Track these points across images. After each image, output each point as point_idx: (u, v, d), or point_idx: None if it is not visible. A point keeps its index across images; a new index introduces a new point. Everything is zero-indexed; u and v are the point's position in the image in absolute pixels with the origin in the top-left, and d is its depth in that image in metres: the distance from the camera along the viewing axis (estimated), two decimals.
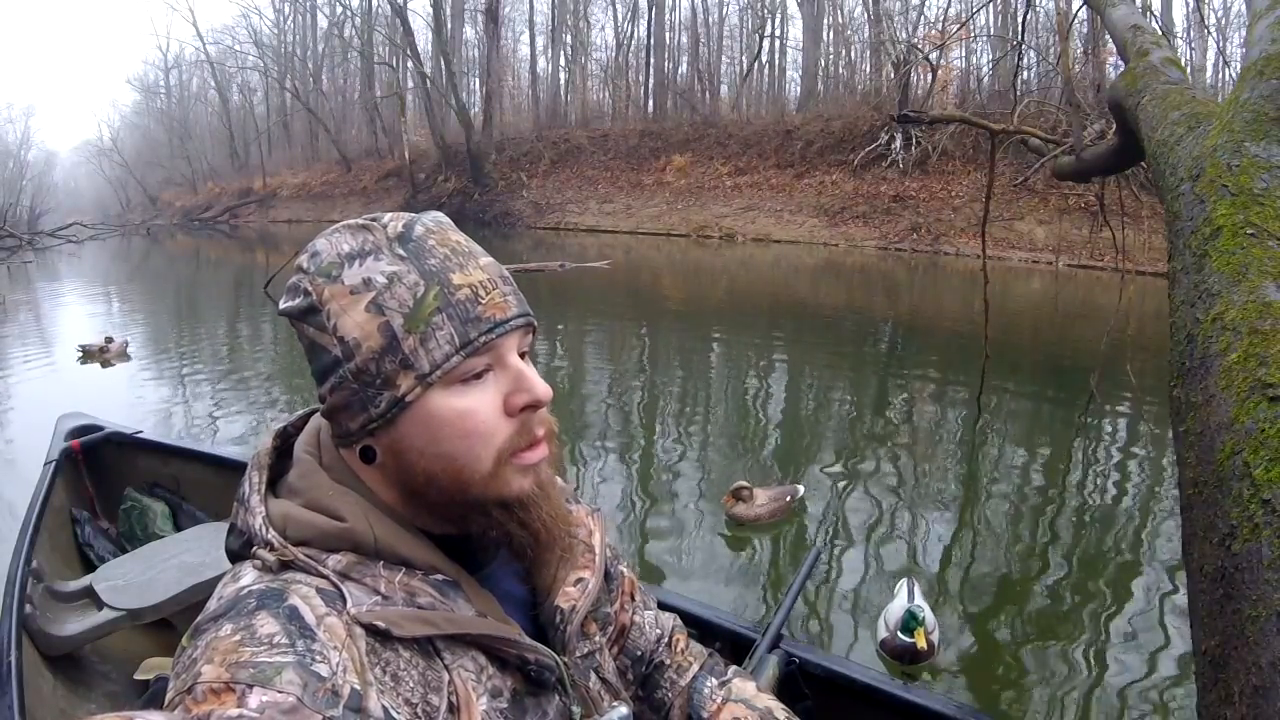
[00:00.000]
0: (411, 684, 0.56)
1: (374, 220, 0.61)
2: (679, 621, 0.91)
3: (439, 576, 0.61)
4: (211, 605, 0.55)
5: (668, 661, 0.86)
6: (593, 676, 0.73)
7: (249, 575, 0.57)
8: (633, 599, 0.85)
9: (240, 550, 0.60)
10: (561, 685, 0.66)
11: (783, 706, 0.84)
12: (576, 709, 0.67)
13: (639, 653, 0.84)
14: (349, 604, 0.55)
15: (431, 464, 0.59)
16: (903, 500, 4.00)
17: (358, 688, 0.51)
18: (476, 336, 0.58)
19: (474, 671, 0.59)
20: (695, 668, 0.86)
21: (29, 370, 6.91)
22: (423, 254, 0.59)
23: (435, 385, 0.57)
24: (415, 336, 0.57)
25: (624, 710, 0.70)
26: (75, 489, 2.48)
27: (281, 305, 0.61)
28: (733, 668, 0.90)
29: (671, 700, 0.84)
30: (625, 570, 0.85)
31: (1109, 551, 3.50)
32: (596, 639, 0.76)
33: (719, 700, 0.82)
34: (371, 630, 0.55)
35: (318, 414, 0.67)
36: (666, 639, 0.87)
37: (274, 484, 0.64)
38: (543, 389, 0.61)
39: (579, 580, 0.72)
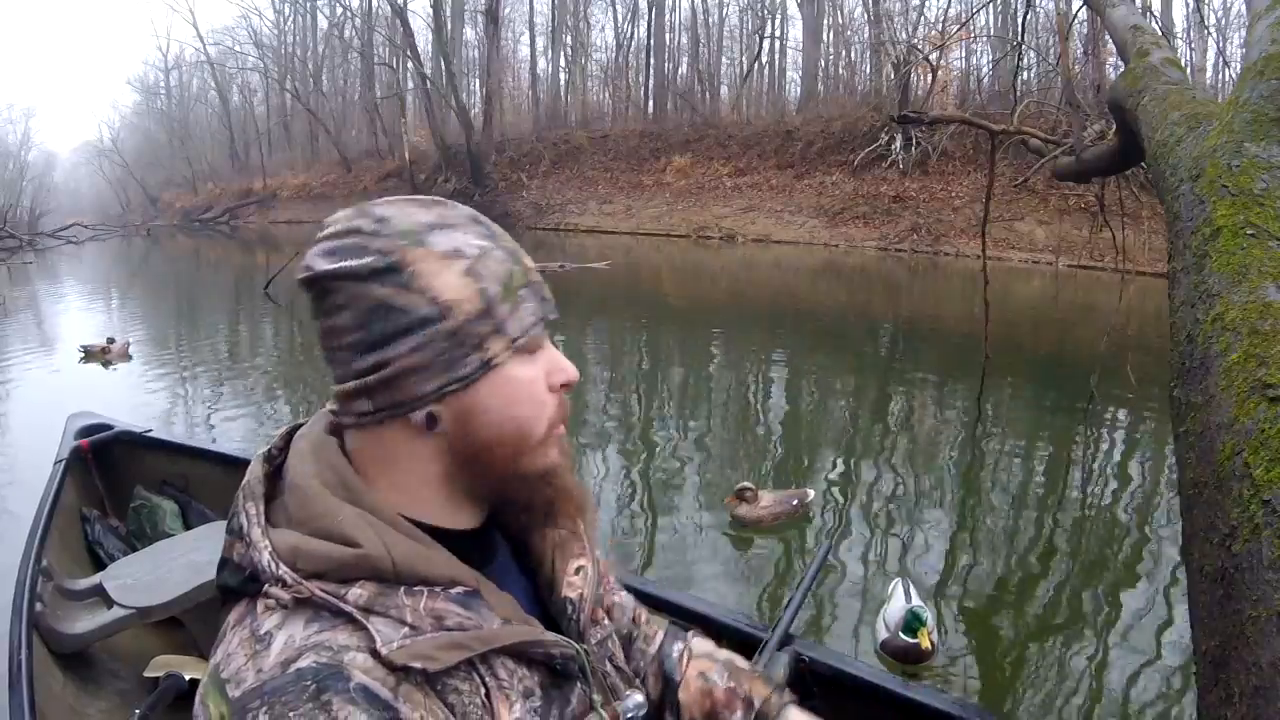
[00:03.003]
0: (464, 710, 0.57)
1: (437, 200, 0.63)
2: (634, 598, 0.95)
3: (460, 589, 0.60)
4: (248, 676, 0.52)
5: (636, 634, 0.89)
6: (608, 665, 0.74)
7: (280, 635, 0.53)
8: (608, 580, 0.87)
9: (240, 587, 0.57)
10: (583, 674, 0.67)
11: (740, 657, 0.89)
12: (597, 697, 0.67)
13: (623, 631, 0.87)
14: (378, 643, 0.53)
15: (501, 428, 0.61)
16: (903, 500, 4.01)
17: None
18: (547, 314, 0.63)
19: (505, 677, 0.60)
20: (660, 636, 0.89)
21: (31, 371, 6.92)
22: (498, 236, 0.63)
23: (514, 353, 0.61)
24: (508, 305, 0.60)
25: (639, 698, 0.72)
26: (85, 488, 2.49)
27: (332, 265, 0.57)
28: (691, 630, 0.94)
29: (644, 669, 0.86)
30: (598, 554, 0.87)
31: (1109, 551, 3.51)
32: (606, 624, 0.77)
33: (686, 660, 0.87)
34: (407, 670, 0.54)
35: (299, 434, 0.65)
36: (633, 615, 0.91)
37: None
38: (574, 370, 0.65)
39: (579, 569, 0.73)
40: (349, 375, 0.59)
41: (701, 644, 0.90)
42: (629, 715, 0.71)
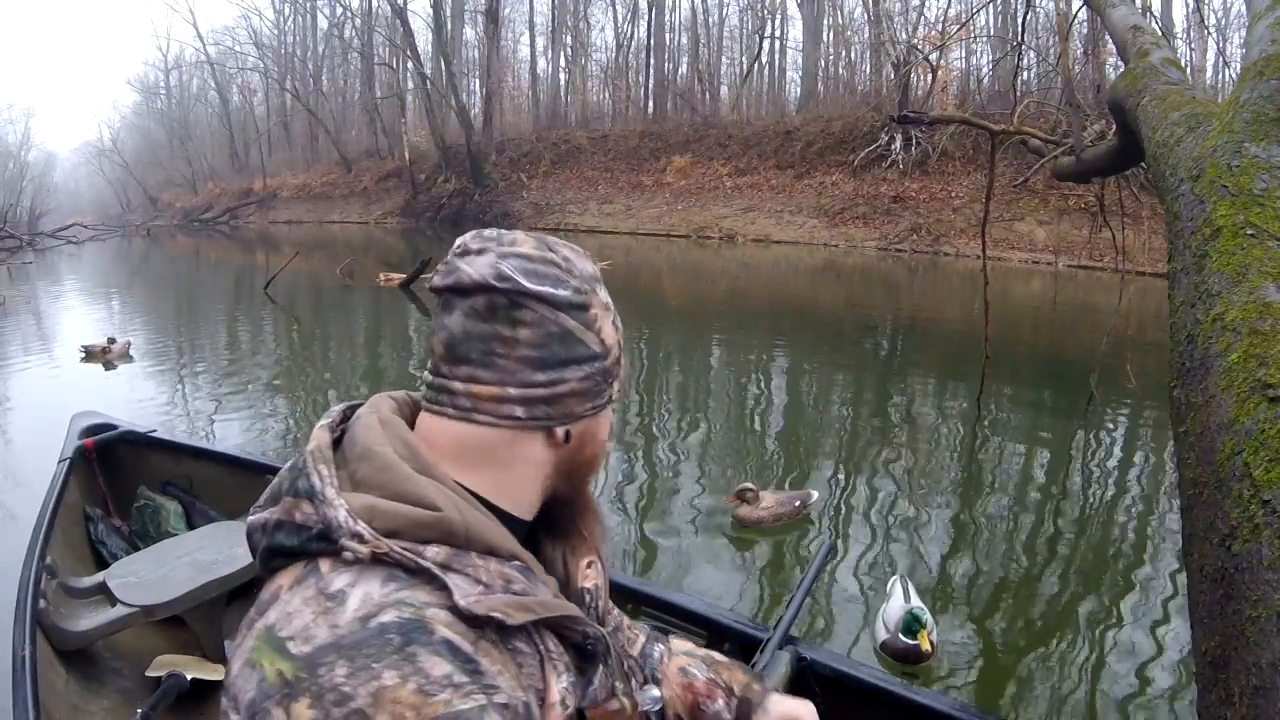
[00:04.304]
0: (528, 670, 0.60)
1: (589, 254, 0.72)
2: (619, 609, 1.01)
3: (518, 563, 0.63)
4: (319, 632, 0.52)
5: (620, 639, 0.93)
6: (623, 651, 0.79)
7: (355, 592, 0.54)
8: None
9: (300, 546, 0.58)
10: (606, 658, 0.70)
11: (718, 653, 0.95)
12: (619, 684, 0.71)
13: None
14: (456, 595, 0.56)
15: (594, 451, 0.71)
16: (903, 500, 4.01)
17: (525, 701, 0.56)
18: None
19: (553, 649, 0.64)
20: (641, 639, 0.94)
21: (32, 371, 6.92)
22: None
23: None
24: (625, 358, 0.72)
25: (656, 692, 0.77)
26: (89, 487, 2.50)
27: (536, 286, 0.63)
28: (672, 632, 0.99)
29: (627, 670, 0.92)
30: (603, 552, 0.93)
31: (1109, 552, 3.51)
32: (615, 614, 0.83)
33: (666, 659, 0.92)
34: (486, 622, 0.57)
35: (360, 412, 0.67)
36: (617, 622, 0.96)
37: None
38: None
39: (590, 563, 0.77)
40: (512, 383, 0.63)
41: (680, 644, 0.95)
42: (645, 708, 0.74)
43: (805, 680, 1.15)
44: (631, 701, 0.71)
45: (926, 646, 2.47)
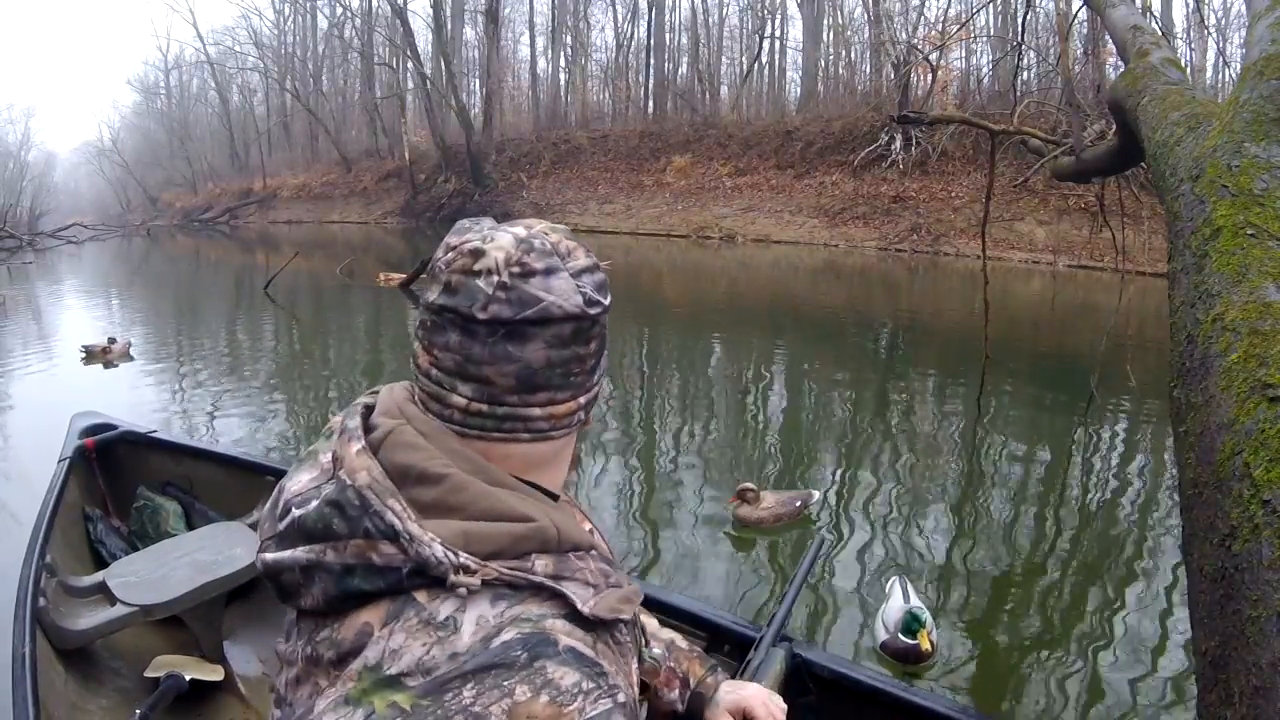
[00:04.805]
0: (625, 655, 0.62)
1: None
2: None
3: (595, 552, 0.64)
4: (438, 662, 0.51)
5: None
6: None
7: (467, 617, 0.53)
8: None
9: (390, 587, 0.55)
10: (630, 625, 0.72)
11: (681, 636, 0.95)
12: (644, 650, 0.75)
13: None
14: (578, 604, 0.56)
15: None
16: (903, 500, 4.01)
17: (635, 695, 0.58)
18: None
19: (627, 631, 0.65)
20: None
21: (32, 371, 6.92)
22: None
23: None
24: None
25: (657, 650, 0.81)
26: (88, 487, 2.51)
27: (609, 298, 0.64)
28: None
29: None
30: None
31: (1109, 552, 3.51)
32: None
33: None
34: (605, 623, 0.58)
35: (392, 426, 0.61)
36: None
37: None
38: None
39: (590, 530, 0.76)
40: (581, 392, 0.63)
41: (646, 621, 0.94)
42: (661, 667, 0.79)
43: (799, 678, 1.15)
44: (650, 659, 0.75)
45: (926, 646, 2.48)
